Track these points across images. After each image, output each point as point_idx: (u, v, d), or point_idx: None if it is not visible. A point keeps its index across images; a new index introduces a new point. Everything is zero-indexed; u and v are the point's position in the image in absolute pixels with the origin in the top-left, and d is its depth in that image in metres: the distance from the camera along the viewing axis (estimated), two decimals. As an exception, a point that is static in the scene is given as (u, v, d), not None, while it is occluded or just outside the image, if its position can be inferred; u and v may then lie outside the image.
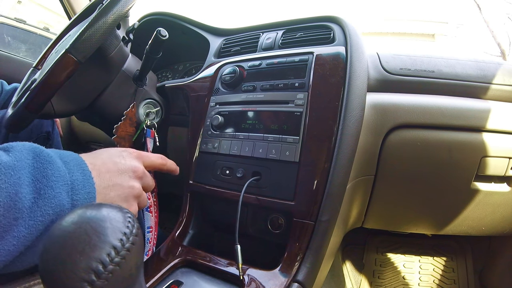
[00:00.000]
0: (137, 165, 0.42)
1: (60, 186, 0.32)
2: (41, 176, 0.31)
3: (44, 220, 0.30)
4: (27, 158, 0.31)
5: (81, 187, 0.33)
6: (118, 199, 0.39)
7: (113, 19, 0.51)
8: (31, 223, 0.29)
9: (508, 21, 4.12)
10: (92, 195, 0.34)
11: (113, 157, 0.40)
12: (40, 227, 0.30)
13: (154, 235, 0.60)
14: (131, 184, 0.40)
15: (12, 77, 1.18)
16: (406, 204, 0.71)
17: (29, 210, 0.29)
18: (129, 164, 0.41)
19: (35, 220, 0.29)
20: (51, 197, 0.31)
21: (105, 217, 0.24)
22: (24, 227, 0.29)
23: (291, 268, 0.48)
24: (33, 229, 0.29)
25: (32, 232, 0.29)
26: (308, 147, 0.52)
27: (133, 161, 0.42)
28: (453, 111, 0.62)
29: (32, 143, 0.33)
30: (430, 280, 1.01)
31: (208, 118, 0.65)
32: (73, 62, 0.49)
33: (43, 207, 0.30)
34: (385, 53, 0.68)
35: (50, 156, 0.33)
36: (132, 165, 0.41)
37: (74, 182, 0.33)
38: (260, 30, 0.74)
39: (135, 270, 0.25)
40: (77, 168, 0.34)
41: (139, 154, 0.44)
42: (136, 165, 0.42)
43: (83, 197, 0.33)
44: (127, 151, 0.43)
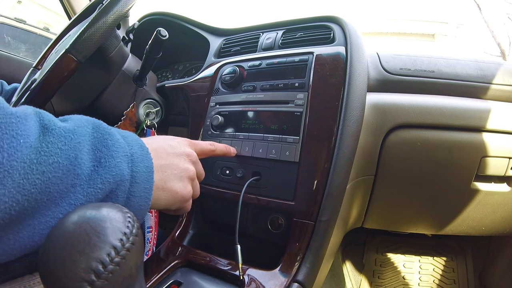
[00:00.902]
0: (191, 151, 0.43)
1: (120, 156, 0.31)
2: (101, 145, 0.30)
3: (104, 188, 0.29)
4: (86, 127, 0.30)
5: (140, 160, 0.33)
6: (174, 177, 0.39)
7: (113, 19, 0.51)
8: (90, 190, 0.28)
9: (508, 21, 4.12)
10: (150, 169, 0.34)
11: (168, 140, 0.42)
12: (99, 195, 0.29)
13: (154, 235, 0.60)
14: (186, 166, 0.41)
15: (12, 77, 1.18)
16: (406, 204, 0.71)
17: (88, 177, 0.28)
18: (183, 149, 0.42)
19: (95, 188, 0.29)
20: (112, 166, 0.30)
21: (105, 217, 0.24)
22: (82, 194, 0.28)
23: (291, 268, 0.48)
24: (92, 197, 0.29)
25: (90, 200, 0.28)
26: (308, 147, 0.52)
27: (186, 147, 0.43)
28: (453, 111, 0.62)
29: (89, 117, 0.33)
30: (430, 280, 1.01)
31: (208, 118, 0.65)
32: (73, 62, 0.49)
33: (103, 175, 0.29)
34: (385, 53, 0.68)
35: (109, 129, 0.33)
36: (186, 150, 0.43)
37: (134, 155, 0.33)
38: (260, 30, 0.74)
39: (135, 270, 0.24)
40: (135, 143, 0.35)
41: (191, 142, 0.46)
42: (190, 151, 0.43)
43: (142, 170, 0.33)
44: (180, 138, 0.44)
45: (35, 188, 0.24)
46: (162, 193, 0.38)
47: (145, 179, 0.33)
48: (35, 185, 0.24)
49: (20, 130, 0.24)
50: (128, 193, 0.32)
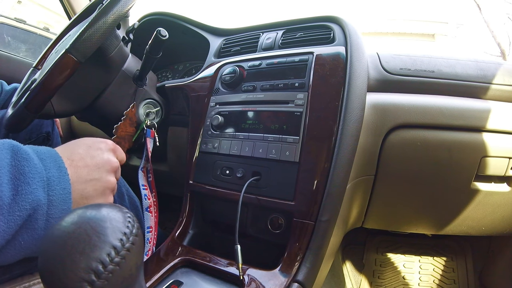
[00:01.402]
0: (113, 159, 0.43)
1: (36, 182, 0.33)
2: (18, 173, 0.32)
3: (21, 215, 0.31)
4: (6, 157, 0.32)
5: (57, 183, 0.35)
6: (95, 193, 0.40)
7: (113, 19, 0.51)
8: (10, 218, 0.31)
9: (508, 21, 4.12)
10: (68, 190, 0.36)
11: (90, 150, 0.41)
12: (18, 221, 0.31)
13: (154, 235, 0.60)
14: (107, 179, 0.41)
15: (12, 77, 1.18)
16: (406, 204, 0.71)
17: (8, 207, 0.30)
18: (106, 158, 0.42)
19: (14, 215, 0.31)
20: (28, 193, 0.32)
21: (105, 217, 0.24)
22: (3, 222, 0.30)
23: (291, 268, 0.48)
24: (12, 223, 0.31)
25: (11, 227, 0.31)
26: (308, 147, 0.52)
27: (110, 154, 0.43)
28: (453, 111, 0.62)
29: (11, 140, 0.35)
30: (430, 280, 1.01)
31: (208, 118, 0.65)
32: (73, 62, 0.49)
33: (20, 203, 0.31)
34: (385, 53, 0.68)
35: (27, 154, 0.34)
36: (109, 159, 0.42)
37: (50, 179, 0.34)
38: (260, 30, 0.74)
39: (135, 270, 0.24)
40: (53, 164, 0.36)
41: (115, 147, 0.46)
42: (111, 159, 0.43)
43: (59, 193, 0.35)
44: (105, 142, 0.44)
45: None
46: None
47: (62, 200, 0.35)
48: None
49: None
50: (46, 216, 0.33)
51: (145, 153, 0.65)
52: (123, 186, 0.65)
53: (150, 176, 0.65)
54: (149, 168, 0.66)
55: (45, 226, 0.34)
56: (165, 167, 0.85)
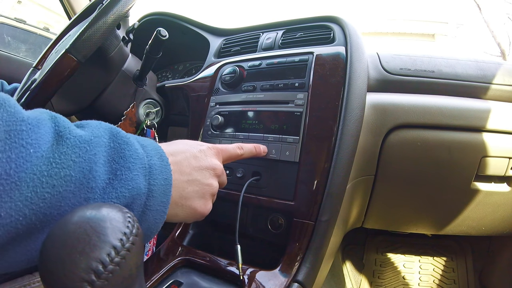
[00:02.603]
0: (218, 164, 0.41)
1: (137, 169, 0.29)
2: (118, 156, 0.29)
3: (118, 203, 0.28)
4: (103, 136, 0.28)
5: (159, 172, 0.31)
6: (195, 195, 0.37)
7: (113, 19, 0.51)
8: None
9: (508, 21, 4.12)
10: (169, 181, 0.32)
11: (194, 150, 0.39)
12: None
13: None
14: (210, 182, 0.39)
15: (12, 77, 1.17)
16: (406, 204, 0.71)
17: (102, 191, 0.27)
18: (210, 162, 0.39)
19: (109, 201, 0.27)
20: (128, 179, 0.28)
21: (105, 217, 0.24)
22: None
23: (291, 268, 0.48)
24: None
25: None
26: (308, 147, 0.52)
27: (213, 158, 0.40)
28: (453, 111, 0.62)
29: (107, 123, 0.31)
30: (430, 280, 1.01)
31: (208, 118, 0.65)
32: (73, 62, 0.49)
33: (118, 189, 0.28)
34: (385, 53, 0.68)
35: (128, 137, 0.31)
36: (213, 163, 0.40)
37: (152, 166, 0.31)
38: (260, 30, 0.74)
39: (135, 270, 0.24)
40: (154, 152, 0.33)
41: (217, 150, 0.42)
42: (217, 163, 0.40)
43: (160, 183, 0.31)
44: (206, 145, 0.41)
45: (44, 202, 0.23)
46: (180, 210, 0.36)
47: (163, 192, 0.32)
48: (44, 199, 0.23)
49: (31, 138, 0.22)
50: (143, 207, 0.30)
51: (145, 153, 0.65)
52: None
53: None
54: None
55: (140, 218, 0.30)
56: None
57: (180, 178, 0.35)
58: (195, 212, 0.37)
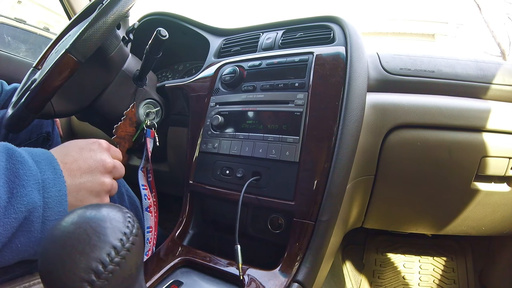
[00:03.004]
0: (106, 159, 0.42)
1: (31, 185, 0.33)
2: (13, 176, 0.32)
3: (17, 217, 0.31)
4: (1, 160, 0.32)
5: (52, 185, 0.35)
6: (90, 195, 0.40)
7: (113, 19, 0.51)
8: (6, 221, 0.31)
9: (508, 21, 4.12)
10: (63, 192, 0.35)
11: (83, 152, 0.41)
12: (14, 223, 0.31)
13: (154, 235, 0.60)
14: (101, 181, 0.41)
15: (12, 77, 1.18)
16: (406, 204, 0.71)
17: (3, 209, 0.30)
18: (99, 159, 0.41)
19: (9, 218, 0.31)
20: (23, 195, 0.32)
21: (105, 217, 0.24)
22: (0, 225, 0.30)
23: (291, 268, 0.48)
24: (8, 226, 0.31)
25: (7, 229, 0.31)
26: (308, 147, 0.52)
27: (103, 154, 0.42)
28: (453, 111, 0.62)
29: (5, 143, 0.35)
30: (430, 280, 1.01)
31: (208, 118, 0.65)
32: (73, 62, 0.49)
33: (16, 205, 0.31)
34: (385, 53, 0.68)
35: (22, 156, 0.34)
36: (101, 159, 0.42)
37: (45, 181, 0.34)
38: (260, 30, 0.74)
39: (135, 270, 0.24)
40: (48, 167, 0.36)
41: (109, 147, 0.45)
42: (105, 159, 0.42)
43: (55, 195, 0.35)
44: (97, 142, 0.43)
45: None
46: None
47: (58, 202, 0.35)
48: None
49: None
50: (42, 218, 0.33)
51: (145, 153, 0.65)
52: (123, 186, 0.65)
53: (150, 176, 0.65)
54: (149, 168, 0.66)
55: (42, 228, 0.34)
56: (165, 167, 0.85)
57: (73, 183, 0.38)
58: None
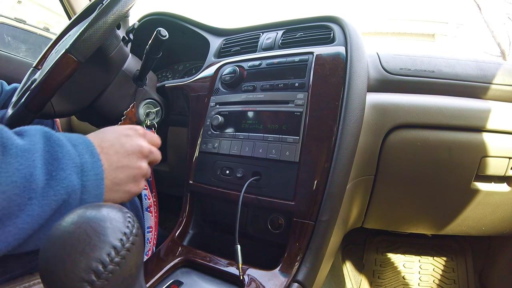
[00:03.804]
0: (143, 144, 0.44)
1: (70, 168, 0.33)
2: (52, 159, 0.33)
3: (56, 199, 0.32)
4: (39, 142, 0.33)
5: (90, 168, 0.35)
6: (127, 179, 0.41)
7: (113, 19, 0.51)
8: (45, 202, 0.31)
9: (508, 21, 4.12)
10: (100, 176, 0.36)
11: (120, 137, 0.42)
12: (53, 205, 0.32)
13: (154, 235, 0.60)
14: (138, 165, 0.42)
15: (12, 77, 1.18)
16: (406, 204, 0.71)
17: (42, 190, 0.31)
18: (135, 144, 0.43)
19: (48, 199, 0.31)
20: (62, 178, 0.32)
21: (105, 217, 0.24)
22: (38, 206, 0.30)
23: (291, 268, 0.48)
24: (46, 207, 0.31)
25: (45, 211, 0.31)
26: (308, 147, 0.52)
27: (139, 139, 0.44)
28: (453, 111, 0.62)
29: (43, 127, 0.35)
30: (430, 280, 1.01)
31: (208, 118, 0.65)
32: (73, 62, 0.49)
33: (55, 187, 0.32)
34: (385, 53, 0.68)
35: (60, 140, 0.35)
36: (138, 145, 0.43)
37: (84, 164, 0.35)
38: (260, 30, 0.74)
39: (135, 270, 0.25)
40: (86, 150, 0.36)
41: (145, 132, 0.46)
42: (142, 144, 0.43)
43: (92, 178, 0.35)
44: (133, 128, 0.45)
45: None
46: (115, 194, 0.40)
47: (96, 186, 0.35)
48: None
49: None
50: (80, 201, 0.34)
51: (145, 153, 0.65)
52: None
53: (150, 176, 0.65)
54: (149, 168, 0.66)
55: None
56: (165, 167, 0.85)
57: (110, 167, 0.39)
58: (130, 194, 0.42)
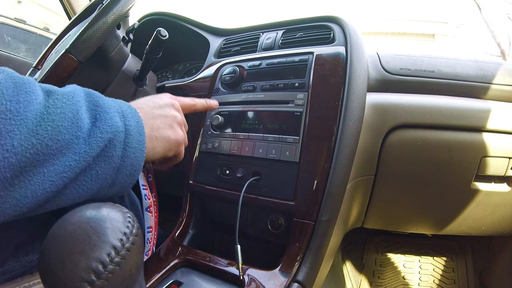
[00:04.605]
0: (173, 101, 0.47)
1: (113, 112, 0.36)
2: (95, 105, 0.35)
3: (102, 137, 0.33)
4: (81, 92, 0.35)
5: (131, 116, 0.38)
6: (164, 126, 0.43)
7: (113, 19, 0.51)
8: (91, 140, 0.32)
9: (508, 21, 4.12)
10: (140, 123, 0.38)
11: (151, 98, 0.46)
12: (100, 143, 0.33)
13: (154, 235, 0.60)
14: (172, 113, 0.45)
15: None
16: (406, 204, 0.71)
17: (88, 130, 0.32)
18: (166, 101, 0.46)
19: (95, 138, 0.32)
20: (107, 119, 0.34)
21: (105, 217, 0.24)
22: (85, 144, 0.32)
23: (291, 268, 0.48)
24: (93, 145, 0.32)
25: (93, 148, 0.32)
26: (308, 147, 0.52)
27: (168, 98, 0.47)
28: (453, 111, 0.62)
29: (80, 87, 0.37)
30: (430, 280, 1.01)
31: (208, 118, 0.65)
32: (73, 62, 0.49)
33: (101, 127, 0.33)
34: (385, 53, 0.68)
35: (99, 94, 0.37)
36: (169, 101, 0.47)
37: (124, 112, 0.37)
38: (260, 30, 0.74)
39: (135, 270, 0.25)
40: (123, 103, 0.39)
41: (172, 95, 0.49)
42: (172, 101, 0.47)
43: (134, 124, 0.37)
44: (163, 93, 0.48)
45: (47, 133, 0.28)
46: (156, 142, 0.42)
47: (137, 131, 0.37)
48: (47, 131, 0.28)
49: (32, 89, 0.29)
50: (124, 144, 0.35)
51: (145, 153, 0.65)
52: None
53: (150, 176, 0.65)
54: (149, 168, 0.66)
55: (122, 154, 0.35)
56: (165, 167, 0.85)
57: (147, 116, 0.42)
58: (170, 140, 0.44)
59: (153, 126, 0.42)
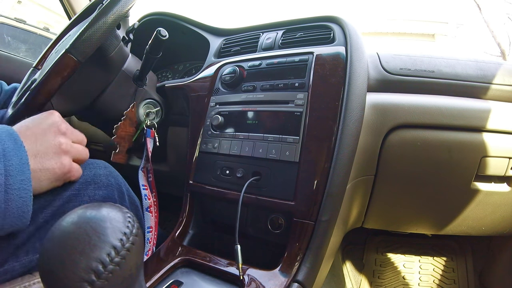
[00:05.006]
0: (58, 121, 0.45)
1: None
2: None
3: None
4: None
5: (13, 154, 0.36)
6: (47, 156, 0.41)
7: (113, 19, 0.51)
8: None
9: (508, 21, 4.12)
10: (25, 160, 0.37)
11: (35, 119, 0.44)
12: None
13: (154, 235, 0.60)
14: (57, 141, 0.43)
15: (12, 77, 1.17)
16: (406, 204, 0.71)
17: None
18: (50, 122, 0.44)
19: None
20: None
21: (105, 217, 0.24)
22: None
23: (291, 268, 0.48)
24: None
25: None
26: (308, 147, 0.52)
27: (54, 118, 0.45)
28: (453, 111, 0.62)
29: None
30: (430, 280, 1.01)
31: (208, 118, 0.65)
32: (73, 62, 0.49)
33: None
34: (385, 53, 0.68)
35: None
36: (53, 121, 0.44)
37: (6, 150, 0.35)
38: (260, 30, 0.74)
39: (135, 270, 0.24)
40: (8, 137, 0.37)
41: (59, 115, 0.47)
42: (56, 121, 0.45)
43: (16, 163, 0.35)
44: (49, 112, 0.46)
45: None
46: (42, 175, 0.40)
47: (20, 171, 0.35)
48: None
49: None
50: (5, 187, 0.34)
51: (145, 153, 0.65)
52: (124, 186, 0.65)
53: (150, 176, 0.65)
54: (149, 168, 0.66)
55: (5, 198, 0.34)
56: (165, 167, 0.85)
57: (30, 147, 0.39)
58: (55, 172, 0.42)
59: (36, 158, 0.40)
